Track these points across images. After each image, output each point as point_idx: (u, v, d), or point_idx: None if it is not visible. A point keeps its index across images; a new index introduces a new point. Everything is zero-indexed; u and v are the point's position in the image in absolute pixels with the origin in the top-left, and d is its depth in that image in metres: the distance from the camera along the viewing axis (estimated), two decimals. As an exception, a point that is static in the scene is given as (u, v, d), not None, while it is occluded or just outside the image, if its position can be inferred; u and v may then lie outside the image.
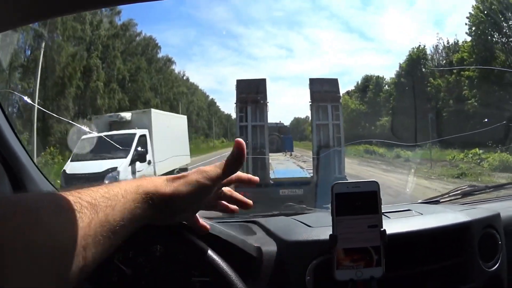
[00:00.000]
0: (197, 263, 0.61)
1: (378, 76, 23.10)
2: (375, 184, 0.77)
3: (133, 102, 17.16)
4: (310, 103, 6.23)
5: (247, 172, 3.52)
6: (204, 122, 25.98)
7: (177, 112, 20.45)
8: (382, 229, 0.76)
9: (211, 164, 0.64)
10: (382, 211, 0.94)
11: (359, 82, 24.37)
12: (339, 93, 6.39)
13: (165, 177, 0.58)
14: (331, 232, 0.76)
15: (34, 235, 0.38)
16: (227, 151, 0.75)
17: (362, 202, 0.76)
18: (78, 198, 0.44)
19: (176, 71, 24.12)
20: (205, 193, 0.60)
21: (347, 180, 5.32)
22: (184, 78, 25.29)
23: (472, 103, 13.40)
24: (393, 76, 20.89)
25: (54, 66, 13.55)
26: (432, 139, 11.85)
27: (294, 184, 5.74)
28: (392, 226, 0.89)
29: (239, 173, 0.67)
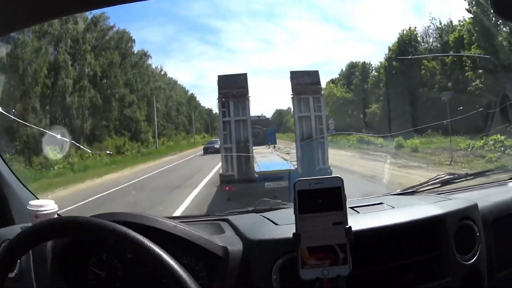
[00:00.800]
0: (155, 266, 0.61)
1: (364, 62, 22.40)
2: (339, 179, 0.76)
3: (106, 99, 16.62)
4: (292, 95, 6.30)
5: (232, 167, 4.04)
6: (184, 118, 25.55)
7: (154, 109, 20.20)
8: (347, 226, 0.74)
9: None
10: (352, 206, 0.90)
11: (344, 69, 23.75)
12: (320, 85, 6.54)
13: None
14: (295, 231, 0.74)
15: None
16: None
17: (326, 199, 0.75)
18: None
19: (154, 66, 23.55)
20: None
21: (331, 171, 5.83)
22: (162, 73, 24.75)
23: (477, 85, 12.29)
24: (382, 60, 20.18)
25: (17, 64, 13.01)
26: (432, 125, 10.98)
27: (279, 177, 5.77)
28: (361, 221, 0.89)
29: None
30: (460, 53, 14.31)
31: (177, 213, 4.82)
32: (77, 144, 13.07)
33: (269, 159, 7.54)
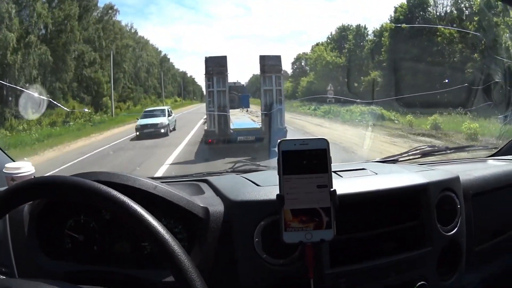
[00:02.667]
0: (135, 226, 0.61)
1: (359, 25, 20.63)
2: (324, 141, 0.77)
3: (59, 57, 15.01)
4: (260, 74, 8.97)
5: (214, 125, 8.40)
6: (155, 80, 24.27)
7: (121, 69, 18.64)
8: (332, 189, 0.76)
9: None
10: (335, 170, 0.94)
11: (333, 32, 22.13)
12: (281, 67, 9.18)
13: None
14: (278, 192, 0.76)
15: None
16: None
17: (310, 161, 0.76)
18: None
19: (123, 24, 21.99)
20: None
21: (286, 130, 8.36)
22: (132, 31, 23.04)
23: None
24: (384, 23, 18.30)
25: None
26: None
27: (249, 133, 8.43)
28: (344, 185, 0.91)
29: None
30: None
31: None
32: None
33: (242, 120, 10.13)
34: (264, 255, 0.86)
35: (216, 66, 8.75)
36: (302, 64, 24.63)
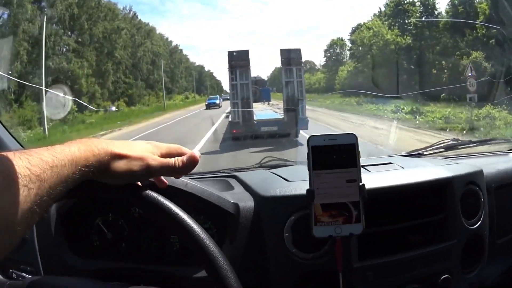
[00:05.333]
0: (169, 224, 0.61)
1: None
2: (353, 136, 0.77)
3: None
4: (281, 66, 9.40)
5: (238, 116, 9.00)
6: (163, 74, 20.44)
7: (111, 59, 14.60)
8: (361, 184, 0.76)
9: None
10: (362, 164, 0.96)
11: (387, 4, 16.50)
12: (301, 59, 9.65)
13: (111, 150, 0.59)
14: (308, 187, 0.76)
15: None
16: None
17: (340, 156, 0.76)
18: (27, 170, 0.48)
19: (121, 7, 18.04)
20: (143, 178, 0.64)
21: (308, 121, 8.61)
22: (130, 15, 18.86)
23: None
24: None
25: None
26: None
27: (271, 123, 8.72)
28: (372, 180, 0.91)
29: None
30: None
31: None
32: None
33: (264, 112, 10.65)
34: (294, 249, 0.86)
35: (239, 60, 9.14)
36: (337, 51, 21.12)
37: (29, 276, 0.89)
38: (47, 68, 12.42)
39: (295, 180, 0.96)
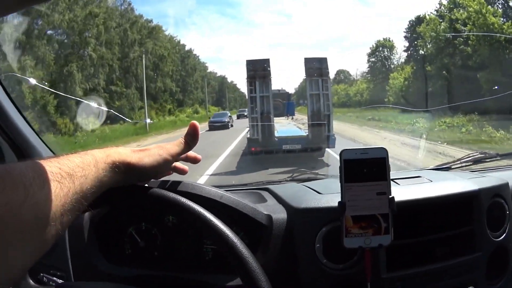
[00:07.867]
0: (205, 233, 0.65)
1: None
2: (384, 150, 0.79)
3: None
4: (305, 77, 8.25)
5: (257, 132, 7.54)
6: (170, 82, 16.69)
7: (82, 58, 11.25)
8: (390, 197, 0.78)
9: None
10: (392, 178, 0.96)
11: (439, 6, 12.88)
12: (327, 70, 8.26)
13: (130, 148, 0.67)
14: (340, 199, 0.79)
15: (21, 208, 0.44)
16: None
17: (370, 169, 0.78)
18: (58, 169, 0.51)
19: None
20: (165, 165, 0.70)
21: (335, 138, 7.61)
22: (122, 7, 14.75)
23: None
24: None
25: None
26: None
27: (294, 141, 7.82)
28: (401, 193, 0.92)
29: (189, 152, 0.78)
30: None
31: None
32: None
33: (287, 127, 9.65)
34: (324, 260, 0.88)
35: (258, 69, 8.11)
36: (385, 54, 17.28)
37: (60, 281, 0.92)
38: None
39: (327, 192, 0.98)
